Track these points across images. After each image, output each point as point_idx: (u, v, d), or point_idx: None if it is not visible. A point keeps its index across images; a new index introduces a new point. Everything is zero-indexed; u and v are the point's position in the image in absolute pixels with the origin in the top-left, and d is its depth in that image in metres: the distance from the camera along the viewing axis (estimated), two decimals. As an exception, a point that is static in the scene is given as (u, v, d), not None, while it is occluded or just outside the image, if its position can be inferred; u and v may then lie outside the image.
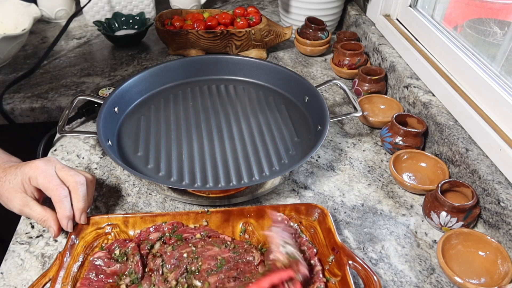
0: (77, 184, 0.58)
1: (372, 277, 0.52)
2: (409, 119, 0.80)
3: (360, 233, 0.65)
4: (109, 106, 0.78)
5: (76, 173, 0.59)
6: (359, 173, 0.76)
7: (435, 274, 0.60)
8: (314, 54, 1.11)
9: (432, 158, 0.74)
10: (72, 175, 0.58)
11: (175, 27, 1.05)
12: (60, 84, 0.97)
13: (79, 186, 0.58)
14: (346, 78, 1.03)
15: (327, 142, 0.83)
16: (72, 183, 0.58)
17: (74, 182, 0.58)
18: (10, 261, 0.60)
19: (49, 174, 0.58)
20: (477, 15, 0.89)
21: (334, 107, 0.94)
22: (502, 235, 0.61)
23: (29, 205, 0.58)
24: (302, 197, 0.71)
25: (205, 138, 0.79)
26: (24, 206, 0.58)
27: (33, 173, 0.57)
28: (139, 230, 0.61)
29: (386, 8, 1.05)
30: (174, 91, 0.92)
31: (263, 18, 1.06)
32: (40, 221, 0.58)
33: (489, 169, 0.65)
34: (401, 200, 0.71)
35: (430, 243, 0.64)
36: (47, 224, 0.58)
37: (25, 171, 0.58)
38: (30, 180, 0.58)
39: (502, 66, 0.72)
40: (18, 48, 0.99)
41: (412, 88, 0.85)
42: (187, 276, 0.54)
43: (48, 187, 0.57)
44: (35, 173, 0.57)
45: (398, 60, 0.94)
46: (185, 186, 0.69)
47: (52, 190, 0.57)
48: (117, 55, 1.10)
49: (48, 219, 0.58)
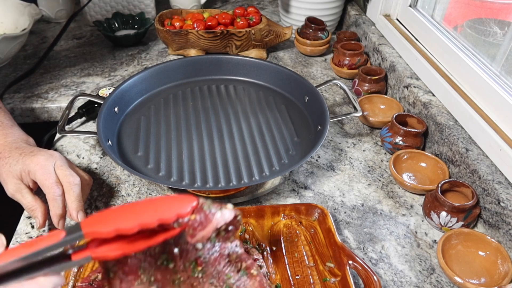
0: (71, 185, 0.59)
1: (372, 277, 0.53)
2: (409, 119, 0.80)
3: (360, 233, 0.65)
4: (109, 106, 0.78)
5: (72, 174, 0.60)
6: (359, 173, 0.76)
7: (435, 274, 0.60)
8: (314, 54, 1.11)
9: (432, 158, 0.74)
10: (67, 175, 0.60)
11: (175, 27, 1.05)
12: (60, 84, 0.97)
13: (73, 187, 0.59)
14: (346, 78, 1.03)
15: (327, 142, 0.83)
16: (66, 184, 0.59)
17: (68, 183, 0.59)
18: (10, 261, 0.60)
19: (47, 171, 0.59)
20: (477, 15, 0.89)
21: (334, 107, 0.94)
22: (502, 235, 0.61)
23: (21, 192, 0.60)
24: (302, 197, 0.71)
25: (205, 138, 0.79)
26: (16, 192, 0.60)
27: (33, 168, 0.59)
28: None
29: (386, 8, 1.05)
30: (174, 91, 0.92)
31: (263, 18, 1.06)
32: (29, 209, 0.60)
33: (489, 169, 0.65)
34: (401, 200, 0.71)
35: (430, 243, 0.64)
36: (35, 214, 0.60)
37: (26, 162, 0.60)
38: (29, 173, 0.60)
39: (502, 66, 0.72)
40: (18, 48, 0.99)
41: (412, 88, 0.85)
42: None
43: (44, 184, 0.59)
44: (35, 167, 0.59)
45: (398, 60, 0.94)
46: (185, 186, 0.69)
47: (47, 187, 0.59)
48: (117, 55, 1.10)
49: (36, 209, 0.60)
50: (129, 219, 0.37)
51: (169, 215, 0.37)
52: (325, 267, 0.57)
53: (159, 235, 0.38)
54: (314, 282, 0.55)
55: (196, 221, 0.38)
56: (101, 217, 0.37)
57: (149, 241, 0.38)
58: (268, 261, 0.58)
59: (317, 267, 0.57)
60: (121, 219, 0.37)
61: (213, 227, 0.39)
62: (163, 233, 0.38)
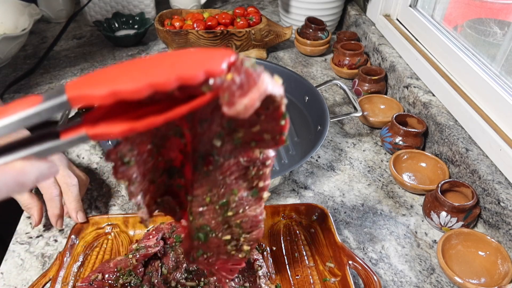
0: (69, 186, 0.60)
1: (372, 277, 0.52)
2: (409, 119, 0.80)
3: (360, 233, 0.65)
4: (109, 106, 0.78)
5: (69, 175, 0.60)
6: (359, 173, 0.76)
7: (435, 274, 0.60)
8: (314, 54, 1.11)
9: (432, 158, 0.74)
10: (65, 176, 0.60)
11: (175, 27, 1.05)
12: (60, 84, 0.97)
13: (71, 188, 0.60)
14: (346, 78, 1.03)
15: (327, 142, 0.83)
16: (63, 185, 0.60)
17: (65, 184, 0.60)
18: (10, 261, 0.60)
19: None
20: (477, 15, 0.89)
21: (334, 107, 0.94)
22: (502, 235, 0.61)
23: None
24: (302, 197, 0.71)
25: (205, 138, 0.79)
26: None
27: None
28: (139, 230, 0.61)
29: (386, 8, 1.05)
30: (174, 91, 0.91)
31: (263, 18, 1.06)
32: (25, 207, 0.60)
33: (489, 169, 0.65)
34: (401, 200, 0.71)
35: (430, 243, 0.64)
36: (31, 211, 0.60)
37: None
38: None
39: (502, 66, 0.72)
40: (18, 48, 0.99)
41: (412, 88, 0.85)
42: (186, 277, 0.54)
43: (41, 185, 0.59)
44: None
45: (398, 60, 0.94)
46: (185, 186, 0.68)
47: (44, 188, 0.59)
48: (117, 55, 1.10)
49: (32, 207, 0.60)
50: (134, 78, 0.25)
51: (194, 72, 0.25)
52: (325, 267, 0.57)
53: (180, 106, 0.27)
54: (314, 282, 0.55)
55: (234, 83, 0.25)
56: (94, 77, 0.26)
57: (167, 114, 0.26)
58: (268, 261, 0.58)
59: (317, 267, 0.57)
60: (121, 78, 0.26)
61: (259, 92, 0.25)
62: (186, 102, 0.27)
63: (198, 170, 0.35)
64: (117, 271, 0.54)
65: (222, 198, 0.36)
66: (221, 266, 0.41)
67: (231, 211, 0.36)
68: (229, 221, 0.37)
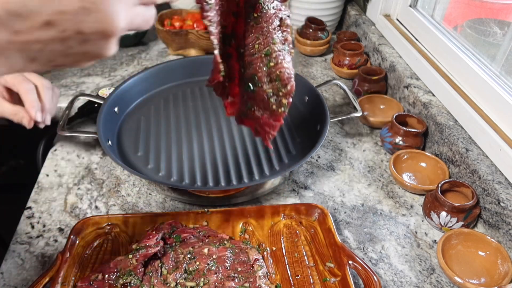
0: (44, 86, 0.64)
1: (372, 277, 0.53)
2: (409, 119, 0.80)
3: (360, 233, 0.65)
4: (109, 106, 0.78)
5: (42, 78, 0.65)
6: (359, 173, 0.76)
7: (435, 274, 0.60)
8: (314, 54, 1.11)
9: (432, 158, 0.74)
10: (39, 78, 0.64)
11: (175, 27, 1.05)
12: (60, 84, 0.97)
13: (45, 89, 0.64)
14: (346, 78, 1.03)
15: (327, 142, 0.83)
16: (39, 83, 0.64)
17: (41, 84, 0.64)
18: (10, 261, 0.60)
19: (16, 74, 0.62)
20: (477, 15, 0.89)
21: (334, 107, 0.94)
22: (502, 235, 0.61)
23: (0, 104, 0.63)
24: (302, 197, 0.71)
25: (205, 138, 0.79)
26: None
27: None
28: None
29: (386, 8, 1.05)
30: (174, 91, 0.92)
31: (263, 18, 1.06)
32: (12, 115, 0.62)
33: (489, 169, 0.65)
34: (401, 200, 0.71)
35: (430, 243, 0.64)
36: (19, 116, 0.62)
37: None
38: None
39: (502, 66, 0.72)
40: (18, 48, 0.99)
41: (412, 88, 0.85)
42: (186, 277, 0.54)
43: (15, 82, 0.62)
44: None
45: (398, 60, 0.94)
46: (185, 186, 0.69)
47: (18, 83, 0.62)
48: (117, 55, 1.10)
49: (19, 112, 0.62)
50: None
51: None
52: (325, 267, 0.57)
53: None
54: (314, 282, 0.55)
55: None
56: None
57: None
58: (268, 261, 0.58)
59: (317, 267, 0.57)
60: None
61: None
62: None
63: (249, 18, 0.44)
64: (117, 271, 0.54)
65: (266, 46, 0.45)
66: (265, 120, 0.49)
67: (272, 61, 0.46)
68: (271, 73, 0.46)
